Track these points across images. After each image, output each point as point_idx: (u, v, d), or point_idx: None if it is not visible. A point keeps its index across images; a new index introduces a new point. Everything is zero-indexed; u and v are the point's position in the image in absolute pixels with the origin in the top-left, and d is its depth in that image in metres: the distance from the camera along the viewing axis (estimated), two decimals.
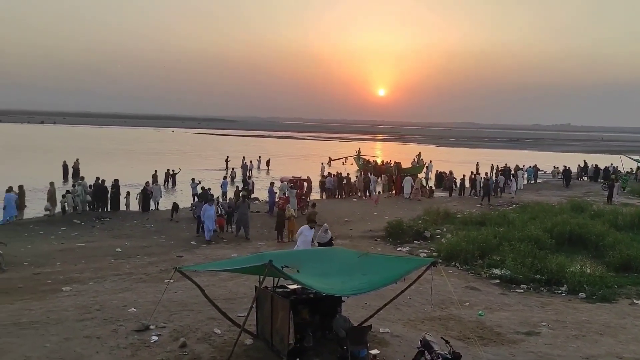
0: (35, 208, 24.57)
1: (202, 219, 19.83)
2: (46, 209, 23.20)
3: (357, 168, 48.88)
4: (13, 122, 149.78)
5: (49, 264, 15.84)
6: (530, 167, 44.73)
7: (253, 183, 32.90)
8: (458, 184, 34.89)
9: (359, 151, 55.63)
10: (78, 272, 14.81)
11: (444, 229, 21.51)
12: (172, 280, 13.50)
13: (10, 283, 13.57)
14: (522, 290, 14.23)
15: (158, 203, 26.21)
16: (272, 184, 26.20)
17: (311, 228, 14.69)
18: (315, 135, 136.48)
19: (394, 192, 34.09)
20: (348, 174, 35.56)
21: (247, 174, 39.47)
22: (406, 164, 44.62)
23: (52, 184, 24.16)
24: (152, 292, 12.61)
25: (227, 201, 23.81)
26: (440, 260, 10.22)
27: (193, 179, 29.09)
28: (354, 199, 31.97)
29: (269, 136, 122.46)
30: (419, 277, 8.90)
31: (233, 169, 40.16)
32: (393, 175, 36.87)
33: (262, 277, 8.48)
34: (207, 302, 9.88)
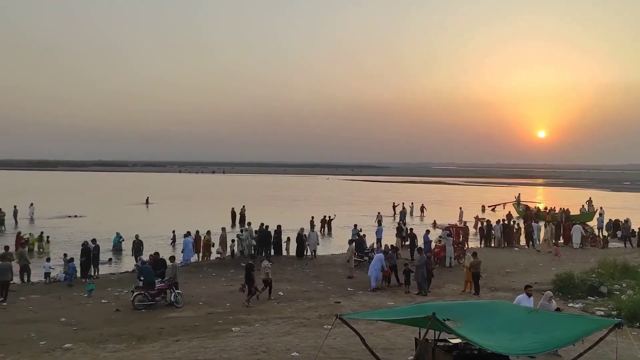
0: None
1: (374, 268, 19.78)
2: (218, 252, 25.27)
3: (517, 214, 46.17)
4: (188, 172, 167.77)
5: (221, 304, 17.10)
6: None
7: (407, 230, 32.57)
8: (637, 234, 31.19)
9: (518, 197, 52.58)
10: (245, 314, 15.78)
11: (624, 285, 19.18)
12: (330, 326, 13.80)
13: (188, 321, 14.90)
14: None
15: (315, 251, 26.42)
16: (427, 231, 25.76)
17: (529, 296, 12.78)
18: (468, 181, 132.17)
19: (561, 241, 31.55)
20: (512, 221, 33.81)
21: (403, 220, 39.20)
22: (574, 211, 41.09)
23: (223, 229, 26.33)
24: (312, 337, 12.96)
25: (383, 248, 23.84)
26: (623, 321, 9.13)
27: (355, 225, 29.62)
28: (516, 248, 30.10)
29: (420, 182, 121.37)
30: (601, 339, 8.00)
31: (379, 213, 40.25)
32: (560, 223, 34.18)
33: (421, 328, 8.29)
34: (366, 351, 9.89)
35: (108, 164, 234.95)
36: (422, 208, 49.63)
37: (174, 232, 29.99)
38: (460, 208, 44.26)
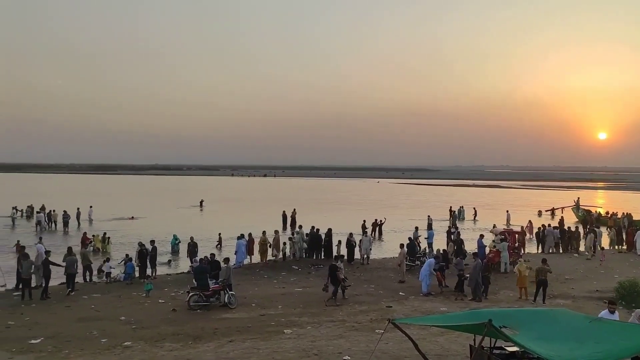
0: (255, 254, 26.86)
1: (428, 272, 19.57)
2: (273, 255, 25.57)
3: (577, 219, 44.60)
4: (241, 175, 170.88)
5: (273, 306, 17.30)
6: None
7: (458, 233, 31.91)
8: None
9: (577, 201, 50.70)
10: (297, 316, 15.90)
11: None
12: (382, 331, 13.71)
13: (242, 322, 15.15)
14: None
15: (368, 257, 25.72)
16: (481, 236, 25.20)
17: (612, 312, 11.20)
18: (524, 184, 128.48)
19: (624, 247, 30.21)
20: (569, 227, 32.66)
21: (454, 224, 38.52)
22: (638, 216, 39.25)
23: (276, 232, 26.66)
24: (364, 341, 12.93)
25: (435, 253, 23.50)
26: None
27: (417, 228, 29.42)
28: (575, 255, 29.00)
29: (473, 185, 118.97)
30: None
31: (429, 216, 39.85)
32: (622, 228, 32.74)
33: (476, 335, 8.12)
34: (419, 357, 9.77)
35: (164, 168, 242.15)
36: (475, 212, 48.66)
37: (220, 234, 30.61)
38: (507, 211, 43.27)
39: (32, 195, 59.48)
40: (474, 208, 49.49)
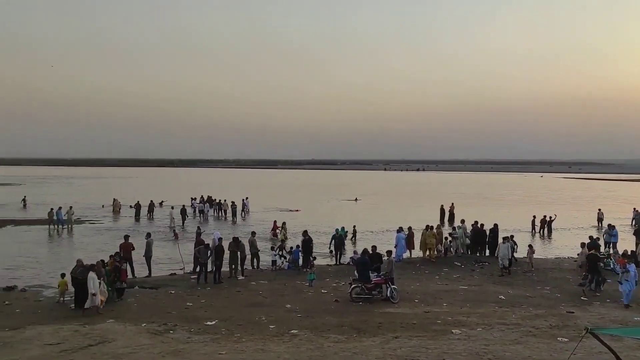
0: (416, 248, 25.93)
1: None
2: (437, 251, 24.56)
3: None
4: (393, 170, 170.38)
5: (437, 303, 16.41)
6: None
7: None
8: None
9: None
10: (464, 316, 14.84)
11: None
12: (565, 339, 12.19)
13: (406, 318, 14.52)
14: None
15: (505, 267, 21.41)
16: None
17: None
18: None
19: None
20: None
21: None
22: None
23: (438, 226, 25.57)
24: (546, 349, 11.58)
25: (621, 253, 20.65)
26: None
27: (610, 226, 27.13)
28: None
29: None
30: None
31: (600, 210, 35.77)
32: None
33: None
34: None
35: (319, 162, 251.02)
36: None
37: (354, 227, 29.83)
38: (635, 209, 36.97)
39: (205, 186, 64.91)
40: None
